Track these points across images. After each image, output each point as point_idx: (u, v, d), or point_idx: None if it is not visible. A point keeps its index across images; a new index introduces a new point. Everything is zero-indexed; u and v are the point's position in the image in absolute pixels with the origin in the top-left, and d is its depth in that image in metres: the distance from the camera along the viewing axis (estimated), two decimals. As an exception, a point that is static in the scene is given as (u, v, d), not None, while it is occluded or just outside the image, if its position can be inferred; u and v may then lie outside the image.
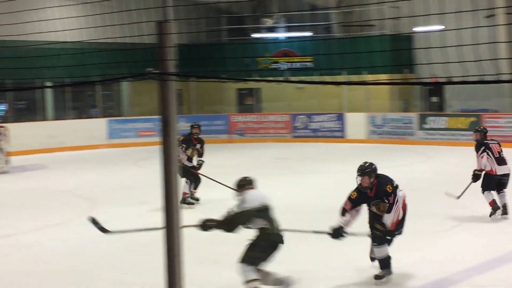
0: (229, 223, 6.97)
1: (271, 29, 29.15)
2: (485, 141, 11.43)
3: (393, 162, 18.52)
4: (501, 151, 11.46)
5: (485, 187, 11.34)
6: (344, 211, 7.81)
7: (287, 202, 12.89)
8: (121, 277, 8.46)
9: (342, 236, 7.68)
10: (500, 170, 11.32)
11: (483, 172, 11.36)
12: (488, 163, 11.27)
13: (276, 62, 28.17)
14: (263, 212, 7.10)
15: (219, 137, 27.10)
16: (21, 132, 23.33)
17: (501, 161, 11.35)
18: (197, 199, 13.38)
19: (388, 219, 7.74)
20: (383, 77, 23.59)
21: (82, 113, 28.01)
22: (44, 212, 13.15)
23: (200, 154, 13.49)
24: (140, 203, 13.59)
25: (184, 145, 13.17)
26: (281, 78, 25.78)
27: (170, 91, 2.93)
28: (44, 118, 26.03)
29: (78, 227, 11.57)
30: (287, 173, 17.77)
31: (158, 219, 11.43)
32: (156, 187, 14.06)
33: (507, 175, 11.38)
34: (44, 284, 8.34)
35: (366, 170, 7.79)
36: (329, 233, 7.70)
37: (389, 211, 7.71)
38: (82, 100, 28.42)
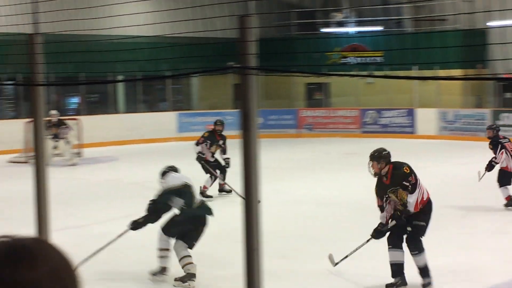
0: (151, 211, 7.53)
1: (341, 24, 28.95)
2: (499, 140, 11.99)
3: (464, 159, 18.16)
4: None
5: (502, 183, 11.93)
6: (381, 208, 7.72)
7: (355, 198, 12.80)
8: (198, 269, 8.50)
9: (383, 234, 7.60)
10: None
11: (498, 167, 11.96)
12: (505, 160, 11.87)
13: (346, 57, 27.98)
14: (183, 190, 7.94)
15: (288, 132, 27.08)
16: (93, 125, 23.79)
17: None
18: (229, 191, 13.70)
19: (412, 199, 7.48)
20: (455, 72, 23.14)
21: (152, 106, 28.40)
22: (115, 203, 13.38)
23: (224, 150, 13.85)
24: (211, 195, 13.72)
25: (208, 142, 13.55)
26: (341, 72, 25.59)
27: (251, 85, 2.93)
28: (116, 111, 26.49)
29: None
30: (356, 168, 17.61)
31: (227, 211, 11.56)
32: (227, 180, 14.24)
33: None
34: (115, 273, 8.48)
35: (375, 154, 7.73)
36: (372, 236, 7.70)
37: (413, 190, 7.47)
38: (152, 94, 28.81)
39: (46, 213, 4.10)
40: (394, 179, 7.58)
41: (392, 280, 7.61)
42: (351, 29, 28.77)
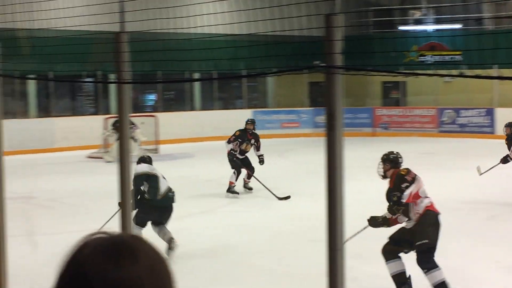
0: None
1: (418, 22, 28.53)
2: None
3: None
4: None
5: None
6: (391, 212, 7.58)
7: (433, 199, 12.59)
8: (274, 267, 8.53)
9: (379, 224, 7.51)
10: None
11: None
12: None
13: (423, 55, 27.55)
14: (146, 178, 9.24)
15: (363, 130, 26.87)
16: (170, 122, 24.13)
17: None
18: (250, 188, 14.36)
19: (407, 191, 7.36)
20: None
21: (227, 104, 28.60)
22: (191, 200, 13.54)
23: (257, 148, 14.49)
24: (287, 194, 13.75)
25: (240, 140, 14.30)
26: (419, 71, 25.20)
27: (336, 84, 2.92)
28: (192, 108, 26.80)
29: (225, 216, 11.86)
30: (433, 168, 17.35)
31: (302, 208, 11.55)
32: (300, 178, 14.26)
33: None
34: (189, 268, 8.59)
35: (383, 156, 7.74)
36: (368, 221, 7.59)
37: (410, 186, 7.39)
38: (228, 91, 29.02)
39: (129, 208, 4.19)
40: (395, 181, 7.53)
41: None
42: (429, 27, 28.32)
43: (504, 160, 12.67)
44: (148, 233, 8.86)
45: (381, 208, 11.29)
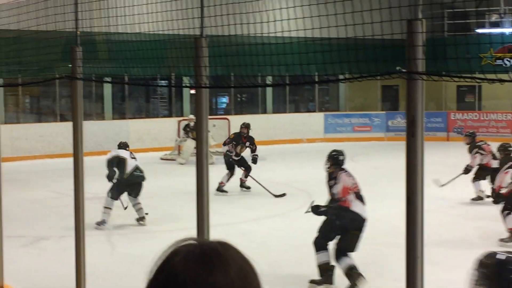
0: (107, 178, 11.36)
1: (495, 24, 27.92)
2: (476, 143, 13.56)
3: None
4: None
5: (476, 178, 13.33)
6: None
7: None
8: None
9: (320, 213, 8.17)
10: None
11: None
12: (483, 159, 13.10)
13: (501, 58, 26.95)
14: (115, 161, 11.29)
15: (437, 135, 26.45)
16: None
17: None
18: (248, 187, 14.97)
19: (337, 188, 8.13)
20: None
21: (299, 107, 28.59)
22: (262, 202, 13.59)
23: (253, 150, 15.08)
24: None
25: (234, 143, 14.88)
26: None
27: (418, 90, 2.90)
28: (264, 111, 26.86)
29: (295, 219, 11.83)
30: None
31: (381, 216, 11.44)
32: (371, 182, 14.11)
33: None
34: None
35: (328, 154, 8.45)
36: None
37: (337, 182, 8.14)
38: (300, 95, 29.01)
39: (206, 212, 4.24)
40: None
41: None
42: (507, 30, 27.68)
43: (466, 170, 13.28)
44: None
45: (457, 213, 11.10)
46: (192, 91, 25.14)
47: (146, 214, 11.82)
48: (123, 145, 12.15)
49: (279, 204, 13.55)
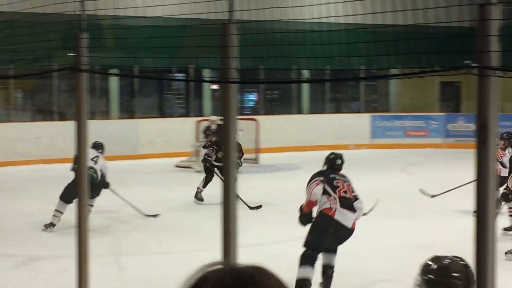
0: None
1: None
2: None
3: None
4: None
5: None
6: None
7: None
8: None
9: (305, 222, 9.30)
10: None
11: None
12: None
13: None
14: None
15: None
16: (272, 127, 24.27)
17: None
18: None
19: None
20: None
21: (341, 106, 28.54)
22: (296, 220, 13.54)
23: (239, 157, 15.28)
24: (412, 217, 13.63)
25: (215, 147, 15.47)
26: None
27: (491, 89, 2.88)
28: (299, 111, 26.82)
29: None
30: None
31: (437, 237, 11.38)
32: (428, 199, 14.04)
33: None
34: None
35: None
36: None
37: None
38: (342, 92, 28.93)
39: (234, 229, 4.25)
40: None
41: None
42: None
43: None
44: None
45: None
46: (214, 86, 25.24)
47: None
48: (95, 146, 13.11)
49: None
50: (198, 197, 15.44)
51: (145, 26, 6.85)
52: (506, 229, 12.00)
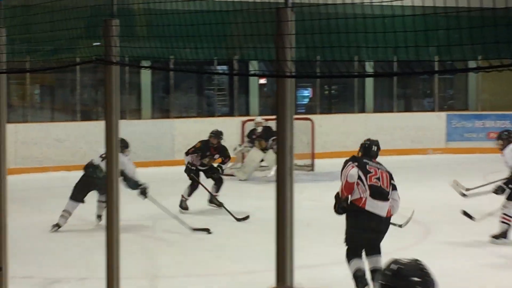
0: None
1: None
2: None
3: None
4: None
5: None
6: None
7: None
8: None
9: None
10: None
11: None
12: None
13: None
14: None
15: None
16: (330, 127, 24.25)
17: None
18: (219, 204, 16.01)
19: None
20: None
21: (411, 104, 28.38)
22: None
23: (224, 162, 16.81)
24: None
25: (199, 153, 16.34)
26: None
27: None
28: (361, 109, 26.70)
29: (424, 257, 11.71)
30: None
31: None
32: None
33: None
34: None
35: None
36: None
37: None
38: (412, 87, 28.76)
39: (291, 247, 4.25)
40: None
41: None
42: None
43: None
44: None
45: None
46: (262, 81, 25.26)
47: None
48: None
49: (385, 239, 13.42)
50: (183, 206, 16.15)
51: (183, 11, 6.87)
52: (494, 237, 13.01)
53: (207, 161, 16.54)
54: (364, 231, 9.74)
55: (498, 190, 12.94)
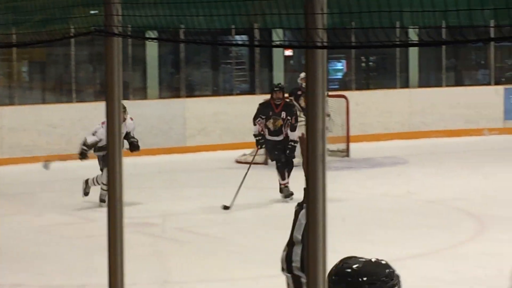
0: None
1: None
2: None
3: None
4: None
5: None
6: None
7: None
8: None
9: None
10: None
11: None
12: None
13: None
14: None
15: None
16: (369, 106, 24.18)
17: None
18: (290, 194, 15.66)
19: None
20: None
21: (463, 77, 28.31)
22: (405, 234, 13.53)
23: (292, 127, 15.93)
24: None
25: (261, 117, 16.00)
26: None
27: None
28: (404, 84, 26.60)
29: (460, 261, 11.75)
30: None
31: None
32: None
33: None
34: None
35: None
36: None
37: None
38: (464, 58, 28.68)
39: (324, 248, 4.24)
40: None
41: None
42: None
43: None
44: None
45: None
46: (288, 52, 25.23)
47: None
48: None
49: (431, 235, 13.44)
50: (285, 193, 15.74)
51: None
52: None
53: (272, 124, 16.12)
54: None
55: None
